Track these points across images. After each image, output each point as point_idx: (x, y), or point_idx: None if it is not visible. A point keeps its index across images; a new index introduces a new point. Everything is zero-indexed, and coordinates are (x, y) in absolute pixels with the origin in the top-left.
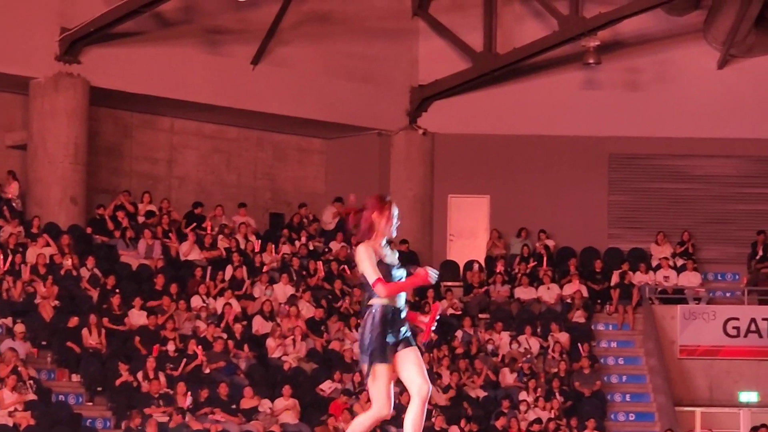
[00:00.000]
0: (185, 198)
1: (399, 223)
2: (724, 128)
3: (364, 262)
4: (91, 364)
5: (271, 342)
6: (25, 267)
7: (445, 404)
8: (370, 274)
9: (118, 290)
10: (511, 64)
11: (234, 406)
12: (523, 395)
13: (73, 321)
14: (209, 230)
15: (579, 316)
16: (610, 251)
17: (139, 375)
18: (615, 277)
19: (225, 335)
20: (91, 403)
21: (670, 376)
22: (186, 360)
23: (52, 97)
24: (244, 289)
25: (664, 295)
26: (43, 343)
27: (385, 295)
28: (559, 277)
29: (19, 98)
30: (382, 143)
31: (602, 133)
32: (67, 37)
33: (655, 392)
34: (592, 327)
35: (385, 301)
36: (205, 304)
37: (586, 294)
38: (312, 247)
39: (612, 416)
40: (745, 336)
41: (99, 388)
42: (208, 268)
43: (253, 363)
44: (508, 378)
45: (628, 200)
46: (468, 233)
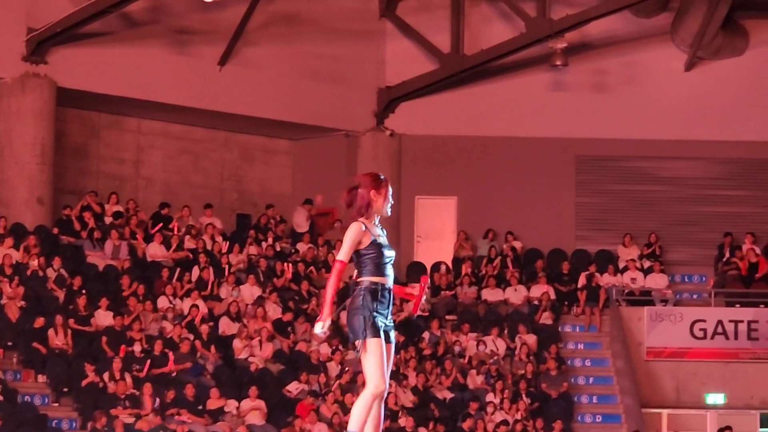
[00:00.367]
0: (152, 199)
1: (393, 202)
2: (691, 130)
3: (347, 238)
4: (57, 365)
5: (237, 343)
6: None
7: (411, 406)
8: (342, 253)
9: (84, 291)
10: (478, 66)
11: (200, 407)
12: (490, 397)
13: (39, 321)
14: (176, 231)
15: (546, 318)
16: (577, 253)
17: (105, 376)
18: (582, 279)
19: (191, 336)
20: (57, 404)
21: (637, 378)
22: (152, 361)
23: (19, 97)
24: (210, 290)
25: (631, 297)
26: (9, 343)
27: (328, 283)
28: (527, 278)
29: None
30: (349, 144)
31: (569, 135)
32: (33, 38)
33: (622, 394)
34: (559, 329)
35: (375, 279)
36: (172, 305)
37: (553, 296)
38: (279, 248)
39: (579, 418)
40: (712, 338)
41: (65, 389)
42: (175, 268)
43: (220, 364)
44: (476, 380)
45: (595, 202)
46: (435, 235)
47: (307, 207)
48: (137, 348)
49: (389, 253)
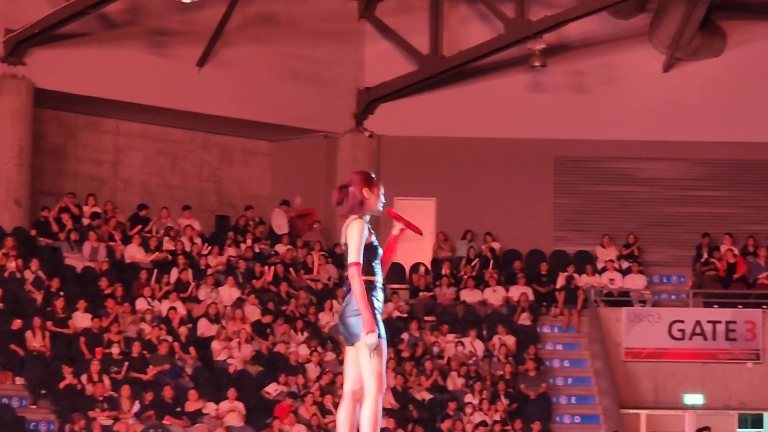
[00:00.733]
0: (130, 200)
1: (384, 201)
2: (669, 131)
3: (354, 237)
4: (35, 367)
5: (216, 345)
6: None
7: (390, 407)
8: (352, 254)
9: (62, 293)
10: (457, 67)
11: (179, 409)
12: (468, 398)
13: (17, 323)
14: (154, 232)
15: (525, 319)
16: (555, 254)
17: (83, 378)
18: (561, 280)
19: (170, 338)
20: (34, 406)
21: (616, 379)
22: (130, 363)
23: None
24: (189, 291)
25: (610, 298)
26: None
27: (350, 282)
28: (505, 279)
29: None
30: (328, 145)
31: (548, 136)
32: (11, 39)
33: (601, 395)
34: (538, 329)
35: (372, 278)
36: (150, 307)
37: (531, 296)
38: (258, 250)
39: (557, 419)
40: (690, 338)
41: (43, 391)
42: (153, 270)
43: (199, 366)
44: (456, 381)
45: (573, 203)
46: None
47: (284, 208)
48: (115, 350)
49: (380, 252)
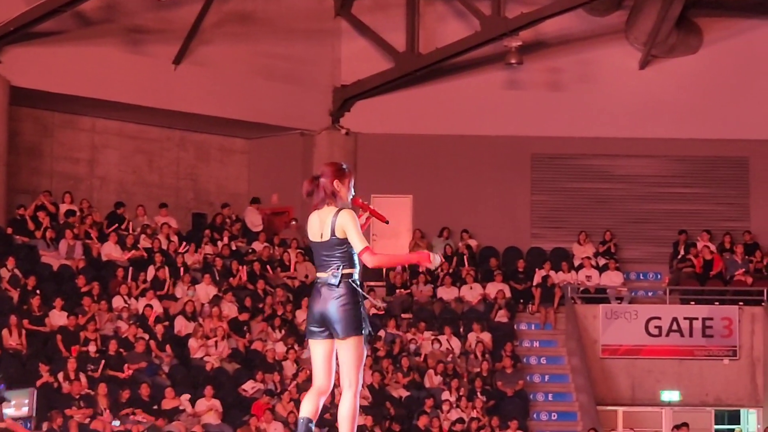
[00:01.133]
0: (107, 198)
1: (354, 193)
2: (645, 128)
3: (352, 226)
4: (11, 365)
5: (193, 342)
6: None
7: (367, 404)
8: (359, 241)
9: (38, 291)
10: (433, 64)
11: (156, 407)
12: (445, 395)
13: None
14: (131, 230)
15: (502, 316)
16: (532, 251)
17: (60, 376)
18: (537, 277)
19: (147, 336)
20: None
21: (593, 376)
22: (106, 361)
23: None
24: (166, 289)
25: (587, 295)
26: None
27: (373, 265)
28: (482, 276)
29: None
30: (304, 143)
31: (524, 133)
32: None
33: (578, 391)
34: (515, 326)
35: (355, 270)
36: (127, 305)
37: (508, 294)
38: (235, 248)
39: (534, 415)
40: (667, 335)
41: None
42: (130, 268)
43: (175, 363)
44: (431, 378)
45: (550, 200)
46: (391, 233)
47: (256, 206)
48: (92, 348)
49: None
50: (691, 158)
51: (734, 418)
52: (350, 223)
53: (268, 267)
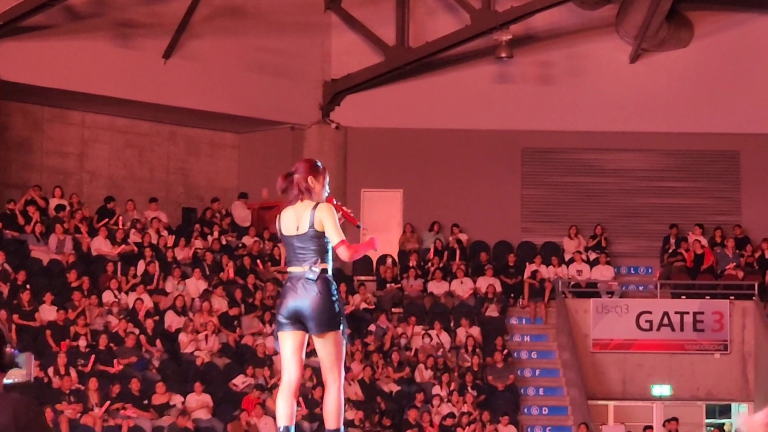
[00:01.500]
0: (97, 193)
1: (329, 191)
2: (636, 122)
3: (330, 219)
4: None
5: (183, 337)
6: None
7: (357, 398)
8: (336, 235)
9: (28, 285)
10: (423, 58)
11: (146, 402)
12: (436, 389)
13: None
14: (121, 225)
15: (492, 310)
16: (523, 245)
17: (50, 371)
18: (528, 271)
19: (137, 330)
20: None
21: (583, 370)
22: (96, 356)
23: None
24: (156, 284)
25: (577, 289)
26: None
27: (348, 258)
28: (473, 271)
29: None
30: (294, 137)
31: (515, 127)
32: None
33: (569, 386)
34: (506, 321)
35: (330, 266)
36: (117, 300)
37: (499, 288)
38: (225, 242)
39: (525, 410)
40: (658, 329)
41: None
42: (120, 263)
43: (166, 358)
44: (422, 372)
45: (541, 194)
46: (381, 227)
47: (244, 201)
48: (82, 343)
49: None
50: (682, 152)
51: (725, 413)
52: (329, 217)
53: (258, 261)
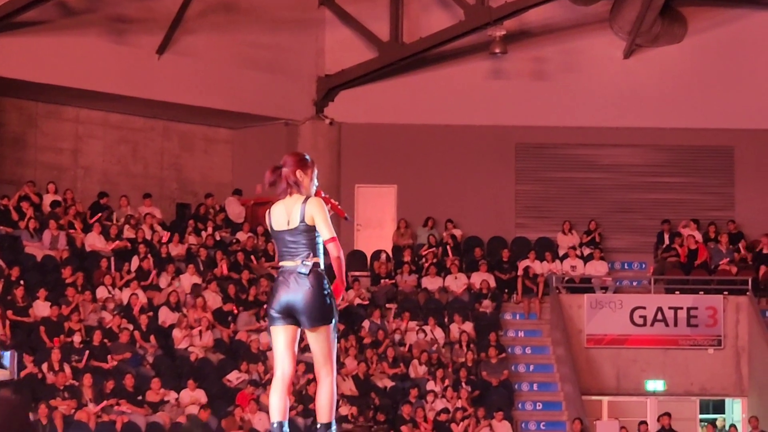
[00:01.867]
0: (91, 188)
1: (318, 184)
2: (630, 117)
3: (321, 214)
4: None
5: (177, 333)
6: None
7: (351, 394)
8: (327, 231)
9: (22, 281)
10: (417, 54)
11: (140, 398)
12: (430, 385)
13: None
14: (115, 221)
15: (486, 306)
16: (517, 240)
17: (44, 367)
18: (522, 267)
19: (131, 326)
20: None
21: (577, 365)
22: (90, 352)
23: None
24: (150, 279)
25: (571, 285)
26: None
27: (335, 257)
28: (467, 266)
29: None
30: (288, 133)
31: (509, 123)
32: None
33: (563, 381)
34: (500, 316)
35: (322, 260)
36: (111, 295)
37: (493, 283)
38: (219, 238)
39: (519, 405)
40: (652, 325)
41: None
42: (113, 258)
43: (160, 354)
44: (416, 368)
45: (534, 189)
46: (375, 223)
47: (237, 197)
48: (76, 338)
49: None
50: (676, 147)
51: (719, 408)
52: (320, 212)
53: (252, 257)
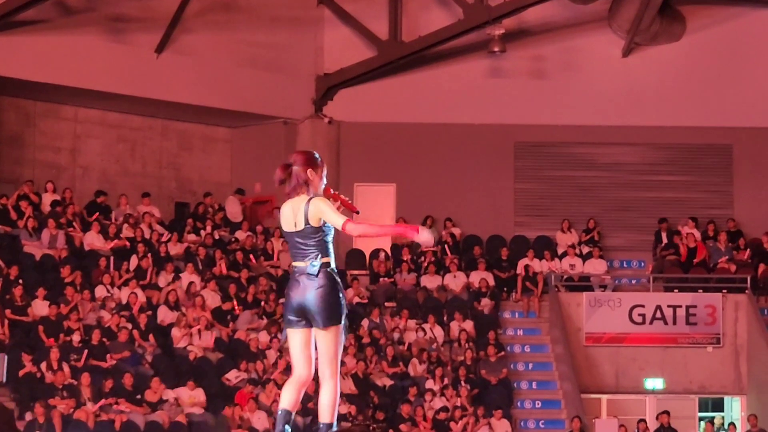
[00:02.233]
0: (89, 187)
1: (326, 182)
2: (628, 116)
3: (326, 211)
4: None
5: (176, 332)
6: None
7: (350, 392)
8: (337, 218)
9: (21, 281)
10: (416, 53)
11: (139, 397)
12: (429, 383)
13: None
14: (113, 220)
15: (485, 304)
16: (516, 239)
17: (43, 366)
18: (521, 265)
19: (130, 325)
20: None
21: (576, 364)
22: (89, 351)
23: None
24: (148, 278)
25: (570, 283)
26: None
27: (359, 233)
28: (466, 265)
29: None
30: (287, 132)
31: (508, 121)
32: None
33: (562, 380)
34: (499, 315)
35: (332, 259)
36: (110, 294)
37: (492, 282)
38: (217, 237)
39: (518, 404)
40: (651, 323)
41: (2, 380)
42: (112, 258)
43: (159, 353)
44: (415, 366)
45: (533, 188)
46: (374, 221)
47: (238, 196)
48: (75, 338)
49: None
50: (675, 146)
51: (718, 406)
52: (324, 207)
53: (251, 256)
